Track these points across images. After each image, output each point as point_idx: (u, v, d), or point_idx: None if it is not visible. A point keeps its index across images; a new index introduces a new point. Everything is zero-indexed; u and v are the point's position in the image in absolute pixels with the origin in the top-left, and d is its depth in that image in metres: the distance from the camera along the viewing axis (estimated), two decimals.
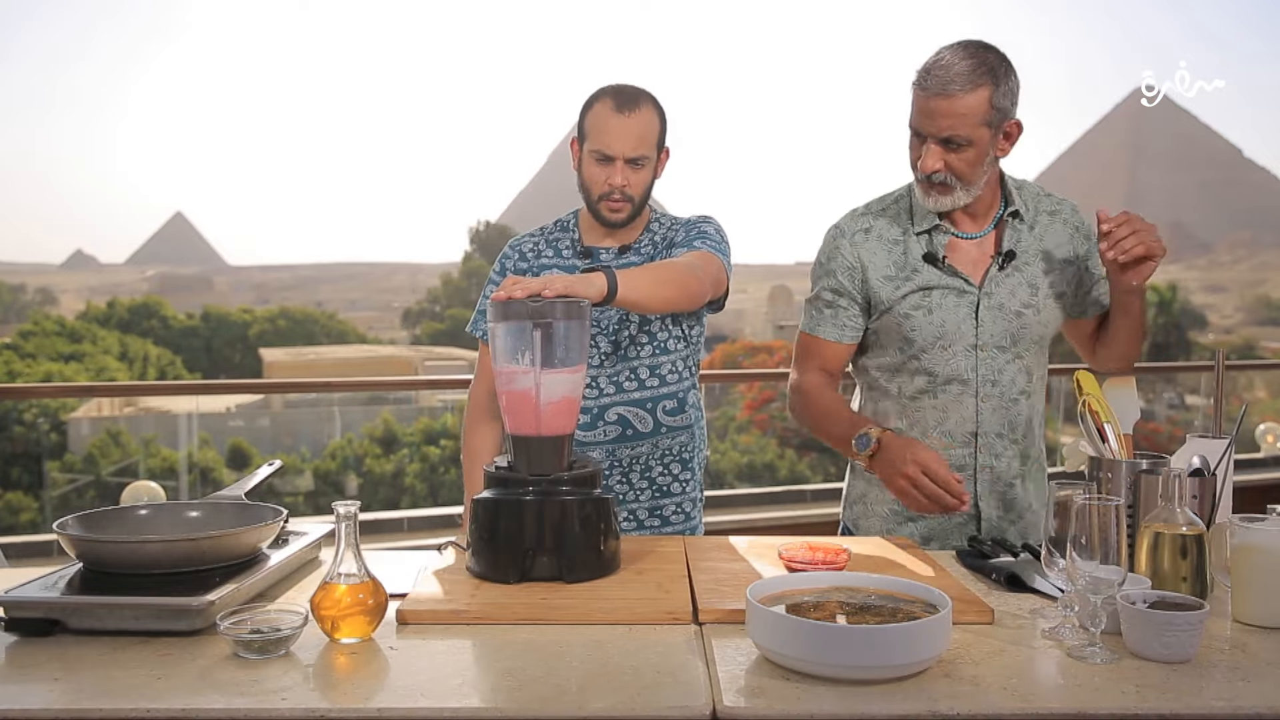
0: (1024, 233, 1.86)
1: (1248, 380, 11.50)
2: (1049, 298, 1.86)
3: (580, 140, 1.91)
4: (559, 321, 1.51)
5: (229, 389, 12.45)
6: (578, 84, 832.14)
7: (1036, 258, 1.85)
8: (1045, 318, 1.86)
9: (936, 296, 1.83)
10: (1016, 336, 1.84)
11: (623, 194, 1.87)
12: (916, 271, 1.84)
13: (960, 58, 1.69)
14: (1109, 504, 1.21)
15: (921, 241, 1.85)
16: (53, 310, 71.85)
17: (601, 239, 1.97)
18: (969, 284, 1.83)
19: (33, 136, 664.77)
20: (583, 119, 1.90)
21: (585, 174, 1.90)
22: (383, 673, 1.17)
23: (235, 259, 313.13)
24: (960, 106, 1.68)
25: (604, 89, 1.90)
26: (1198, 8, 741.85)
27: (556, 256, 1.99)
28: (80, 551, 1.38)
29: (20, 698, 1.10)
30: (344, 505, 1.27)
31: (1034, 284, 1.84)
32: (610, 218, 1.90)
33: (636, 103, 1.86)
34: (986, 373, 1.84)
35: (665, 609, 1.35)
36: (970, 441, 1.86)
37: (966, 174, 1.75)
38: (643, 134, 1.86)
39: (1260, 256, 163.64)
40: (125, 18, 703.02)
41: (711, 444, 2.59)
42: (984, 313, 1.83)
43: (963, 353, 1.84)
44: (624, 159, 1.85)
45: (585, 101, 1.91)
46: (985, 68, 1.69)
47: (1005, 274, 1.84)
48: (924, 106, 1.71)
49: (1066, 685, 1.14)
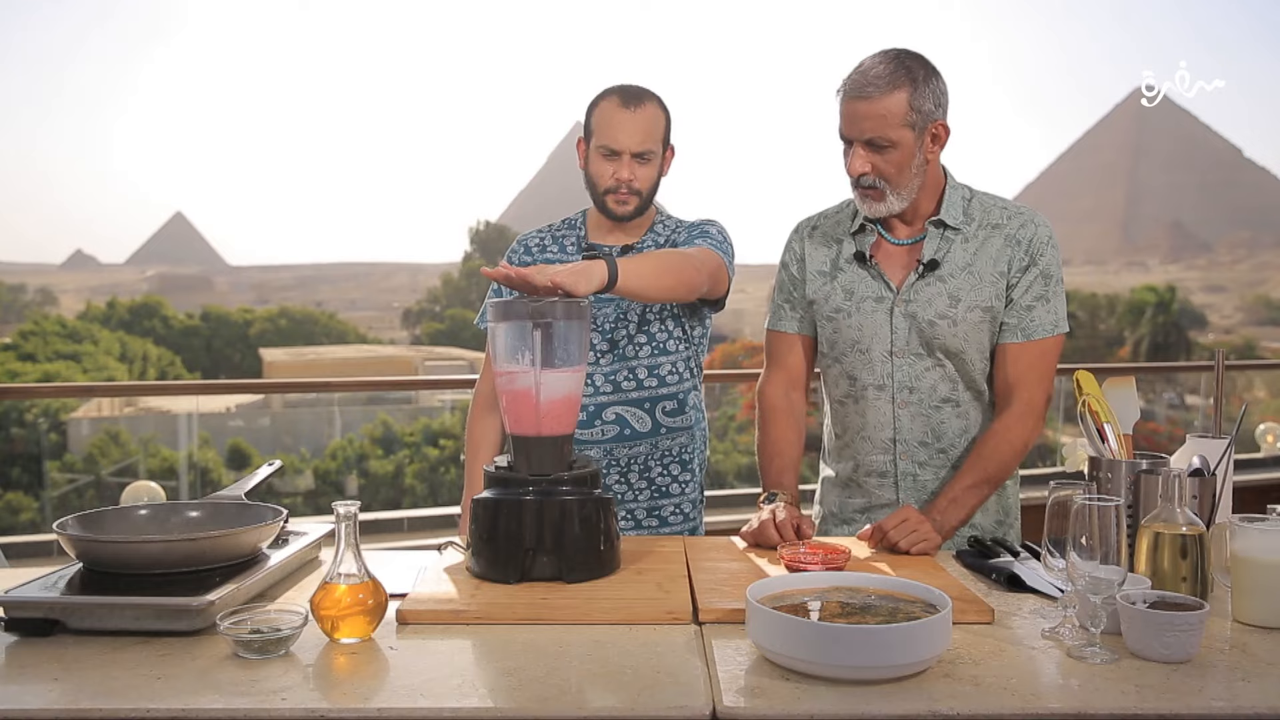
0: (955, 244, 1.82)
1: (1248, 380, 11.50)
2: (970, 310, 1.80)
3: (587, 138, 1.94)
4: (559, 321, 1.51)
5: (229, 389, 12.44)
6: (578, 84, 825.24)
7: (963, 270, 1.81)
8: (963, 331, 1.80)
9: (856, 300, 1.85)
10: (931, 346, 1.82)
11: (629, 188, 1.90)
12: (842, 271, 1.87)
13: (879, 63, 1.73)
14: (1109, 504, 1.21)
15: (854, 241, 1.88)
16: (53, 310, 71.86)
17: (607, 235, 1.99)
18: (889, 288, 1.83)
19: (32, 136, 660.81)
20: (589, 117, 1.94)
21: (592, 169, 1.92)
22: (383, 673, 1.17)
23: (235, 259, 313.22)
24: (879, 108, 1.70)
25: (610, 88, 1.94)
26: (1198, 8, 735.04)
27: (561, 253, 2.01)
28: (80, 551, 1.38)
29: (20, 698, 1.10)
30: (344, 505, 1.27)
31: (955, 296, 1.80)
32: (617, 210, 1.92)
33: (642, 99, 1.90)
34: (903, 379, 1.84)
35: (665, 609, 1.35)
36: (890, 448, 1.88)
37: (894, 177, 1.75)
38: (649, 129, 1.89)
39: (1260, 256, 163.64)
40: (125, 17, 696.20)
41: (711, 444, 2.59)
42: (898, 319, 1.83)
43: (880, 358, 1.85)
44: (630, 153, 1.88)
45: (591, 101, 1.95)
46: (903, 70, 1.71)
47: (925, 283, 1.81)
48: (846, 111, 1.74)
49: (1066, 685, 1.14)
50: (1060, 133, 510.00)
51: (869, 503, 1.91)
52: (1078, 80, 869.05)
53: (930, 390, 1.84)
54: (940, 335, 1.81)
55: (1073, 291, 62.00)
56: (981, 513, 1.89)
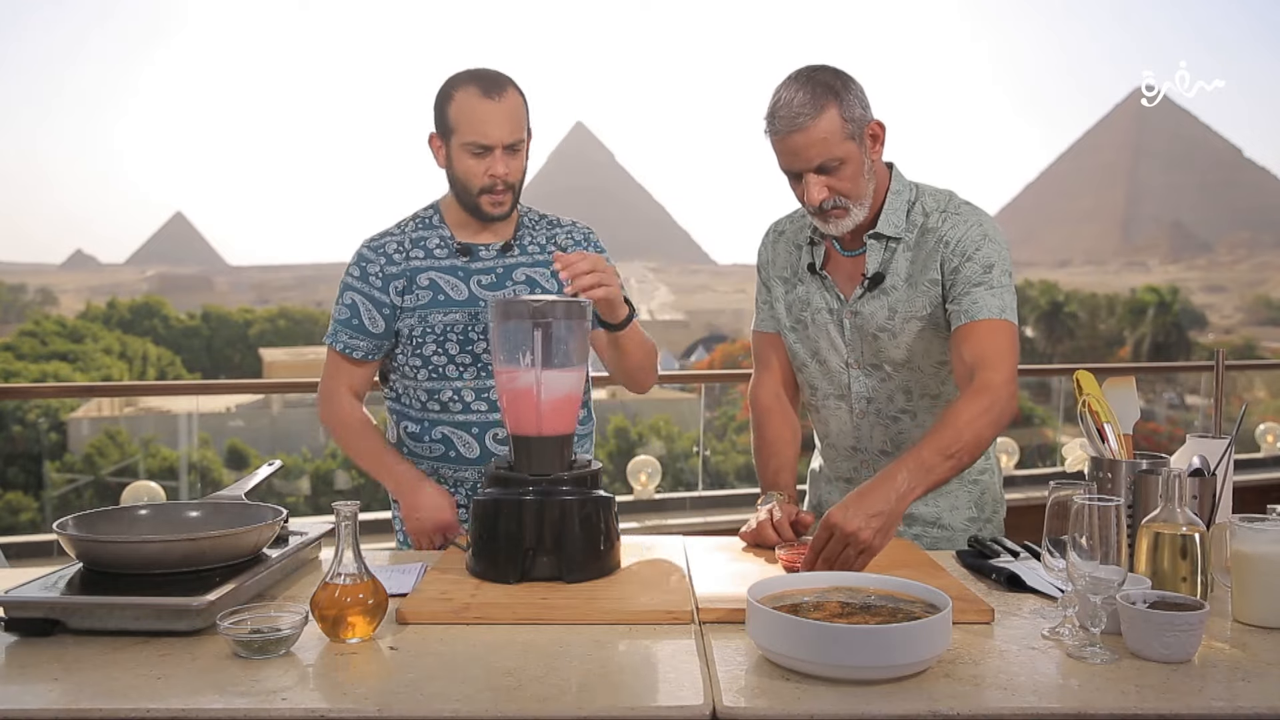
0: (898, 253, 1.78)
1: (1248, 380, 11.49)
2: (908, 321, 1.77)
3: (445, 134, 1.80)
4: (559, 321, 1.51)
5: (229, 389, 12.43)
6: (578, 84, 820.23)
7: (903, 280, 1.78)
8: (902, 341, 1.79)
9: (812, 311, 1.86)
10: (879, 358, 1.82)
11: (505, 183, 1.78)
12: (801, 282, 1.87)
13: (796, 90, 1.66)
14: (1109, 504, 1.21)
15: (809, 252, 1.87)
16: (53, 310, 71.81)
17: (476, 234, 1.88)
18: (839, 299, 1.82)
19: (33, 136, 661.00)
20: (444, 111, 1.79)
21: (459, 168, 1.79)
22: (383, 673, 1.17)
23: (235, 259, 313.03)
24: (817, 134, 1.65)
25: (460, 76, 1.80)
26: (1198, 8, 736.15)
27: (429, 256, 1.86)
28: (80, 551, 1.38)
29: (20, 698, 1.10)
30: (344, 505, 1.27)
31: (894, 308, 1.78)
32: (493, 211, 1.81)
33: (503, 85, 1.77)
34: (860, 390, 1.85)
35: (665, 609, 1.35)
36: (853, 455, 1.91)
37: (852, 190, 1.71)
38: (517, 117, 1.78)
39: (1260, 256, 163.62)
40: (125, 17, 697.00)
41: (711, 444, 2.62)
42: (849, 332, 1.82)
43: (838, 369, 1.86)
44: (502, 146, 1.76)
45: (440, 92, 1.80)
46: (822, 87, 1.66)
47: (871, 295, 1.79)
48: (784, 147, 1.69)
49: (1066, 685, 1.14)
50: (1060, 133, 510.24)
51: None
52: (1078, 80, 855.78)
53: (887, 400, 1.84)
54: (884, 348, 1.80)
55: (1072, 292, 61.99)
56: (951, 510, 1.89)
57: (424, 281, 1.84)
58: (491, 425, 1.85)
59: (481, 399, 1.84)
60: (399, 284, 1.84)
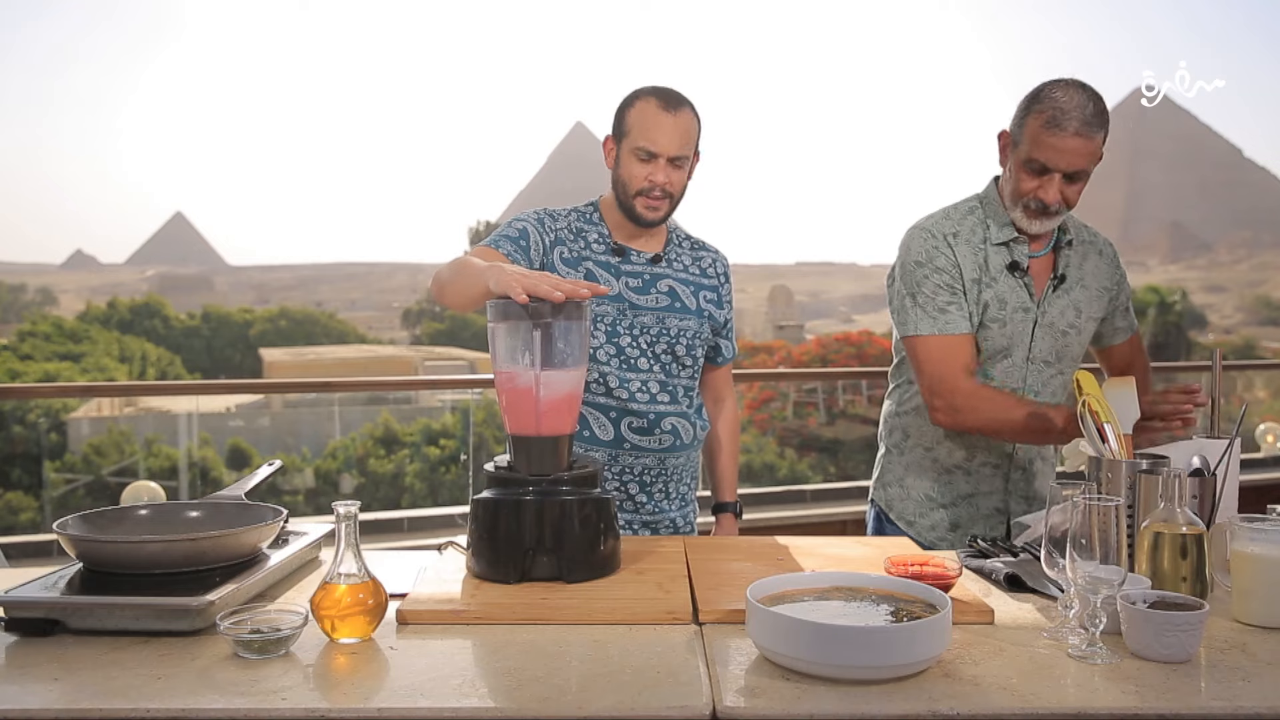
0: (1073, 258, 1.99)
1: (1248, 380, 11.48)
2: (1089, 321, 2.00)
3: (619, 137, 1.91)
4: (558, 321, 1.51)
5: (229, 389, 12.42)
6: (578, 84, 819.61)
7: (1079, 284, 1.99)
8: (1084, 339, 2.01)
9: (1009, 310, 1.92)
10: (1061, 354, 1.96)
11: (663, 191, 1.88)
12: (995, 281, 1.93)
13: (1087, 100, 1.80)
14: (1109, 504, 1.21)
15: (1001, 252, 1.93)
16: (52, 310, 71.84)
17: (631, 239, 1.97)
18: (1033, 299, 1.93)
19: (33, 136, 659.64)
20: (623, 116, 1.90)
21: (624, 170, 1.89)
22: (383, 673, 1.17)
23: (235, 259, 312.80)
24: (1093, 145, 1.81)
25: (646, 89, 1.92)
26: (1198, 8, 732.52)
27: (588, 249, 1.95)
28: (80, 551, 1.38)
29: (20, 698, 1.10)
30: (344, 505, 1.27)
31: (1078, 307, 1.96)
32: (647, 216, 1.90)
33: (681, 103, 1.89)
34: (1034, 384, 1.96)
35: (665, 609, 1.35)
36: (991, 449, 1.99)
37: (1074, 201, 1.87)
38: (687, 133, 1.88)
39: (1260, 256, 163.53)
40: (125, 18, 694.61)
41: None
42: (1039, 329, 1.94)
43: (1019, 364, 1.95)
44: (667, 157, 1.86)
45: (625, 99, 1.92)
46: (1104, 110, 1.83)
47: (1058, 295, 1.95)
48: (1058, 144, 1.80)
49: (1066, 685, 1.14)
50: None
51: (974, 490, 2.01)
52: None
53: (1051, 396, 1.98)
54: (1070, 344, 1.97)
55: None
56: (1012, 504, 2.02)
57: (581, 270, 1.91)
58: (628, 414, 1.92)
59: (623, 386, 1.92)
60: (564, 252, 1.92)
